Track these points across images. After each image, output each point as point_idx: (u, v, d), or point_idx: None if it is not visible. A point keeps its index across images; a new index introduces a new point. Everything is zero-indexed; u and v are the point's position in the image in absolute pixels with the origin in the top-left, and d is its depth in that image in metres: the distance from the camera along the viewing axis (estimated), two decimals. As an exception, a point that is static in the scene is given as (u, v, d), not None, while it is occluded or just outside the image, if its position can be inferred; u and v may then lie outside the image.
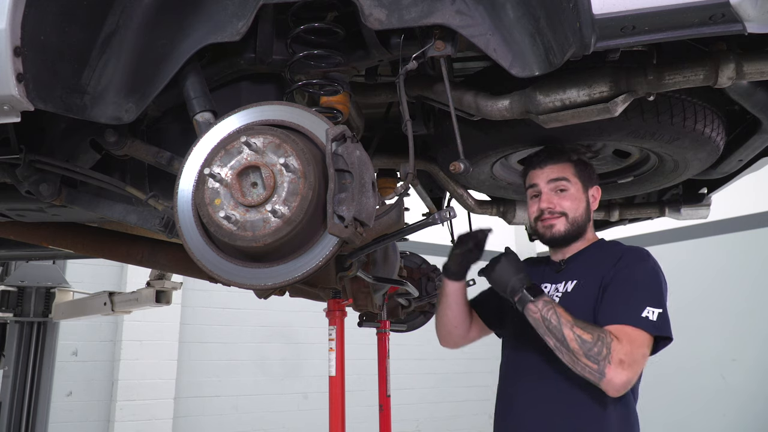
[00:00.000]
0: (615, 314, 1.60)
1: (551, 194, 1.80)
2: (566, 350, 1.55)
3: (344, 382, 2.36)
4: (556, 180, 1.79)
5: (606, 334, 1.55)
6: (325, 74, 1.52)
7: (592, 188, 1.85)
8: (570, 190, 1.80)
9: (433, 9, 1.28)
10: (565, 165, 1.81)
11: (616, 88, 1.40)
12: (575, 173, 1.81)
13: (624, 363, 1.52)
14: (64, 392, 5.18)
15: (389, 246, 2.51)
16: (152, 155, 1.49)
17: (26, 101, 1.14)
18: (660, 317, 1.60)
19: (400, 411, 6.25)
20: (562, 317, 1.58)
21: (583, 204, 1.81)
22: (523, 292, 1.64)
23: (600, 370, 1.52)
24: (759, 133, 1.80)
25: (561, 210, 1.79)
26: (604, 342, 1.53)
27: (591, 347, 1.53)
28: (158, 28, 1.35)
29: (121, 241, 2.16)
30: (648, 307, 1.59)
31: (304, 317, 5.92)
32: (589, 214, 1.84)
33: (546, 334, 1.59)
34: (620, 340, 1.54)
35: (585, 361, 1.53)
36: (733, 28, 1.07)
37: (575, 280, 1.77)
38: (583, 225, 1.82)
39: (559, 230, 1.79)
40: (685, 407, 6.52)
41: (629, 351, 1.53)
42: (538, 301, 1.62)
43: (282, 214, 1.16)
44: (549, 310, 1.60)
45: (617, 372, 1.51)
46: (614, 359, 1.51)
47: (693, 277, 6.74)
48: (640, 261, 1.72)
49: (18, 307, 3.56)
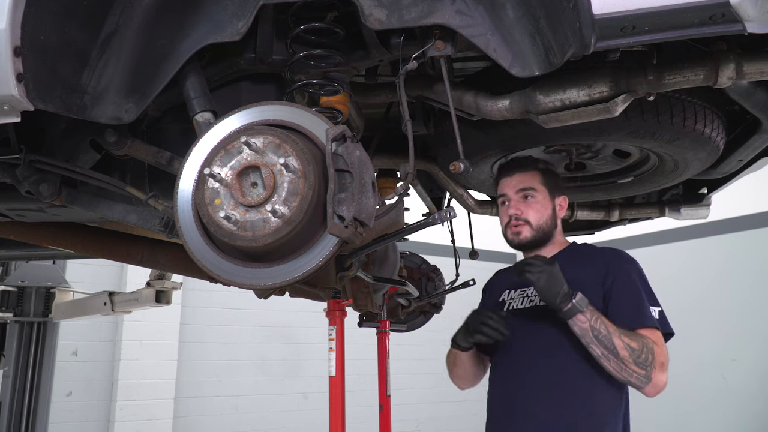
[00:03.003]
0: (632, 319, 1.70)
1: (519, 202, 1.90)
2: (615, 358, 1.63)
3: (344, 382, 2.36)
4: (523, 189, 1.89)
5: (647, 339, 1.66)
6: (325, 74, 1.52)
7: (559, 197, 1.95)
8: (537, 198, 1.89)
9: (433, 9, 1.28)
10: (532, 174, 1.90)
11: (616, 88, 1.40)
12: (542, 182, 1.90)
13: (664, 365, 1.65)
14: (64, 392, 5.18)
15: (389, 246, 2.51)
16: (152, 155, 1.49)
17: (26, 101, 1.14)
18: (661, 315, 1.74)
19: (400, 411, 6.25)
20: (609, 326, 1.65)
21: (548, 211, 1.91)
22: (573, 303, 1.66)
23: (647, 375, 1.63)
24: (759, 133, 1.80)
25: (526, 218, 1.89)
26: (648, 348, 1.64)
27: (639, 354, 1.63)
28: (158, 28, 1.34)
29: (121, 241, 2.16)
30: (651, 307, 1.73)
31: (304, 317, 5.92)
32: (555, 220, 1.93)
33: (593, 342, 1.65)
34: (657, 344, 1.66)
35: (633, 367, 1.63)
36: (733, 28, 1.07)
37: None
38: (548, 231, 1.91)
39: (526, 236, 1.89)
40: (685, 407, 6.52)
41: (665, 353, 1.67)
42: (587, 312, 1.66)
43: (282, 214, 1.16)
44: (597, 319, 1.66)
45: (661, 375, 1.65)
46: (658, 363, 1.64)
47: (693, 277, 6.74)
48: (629, 263, 1.84)
49: (18, 307, 3.56)
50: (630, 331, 1.67)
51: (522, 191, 1.89)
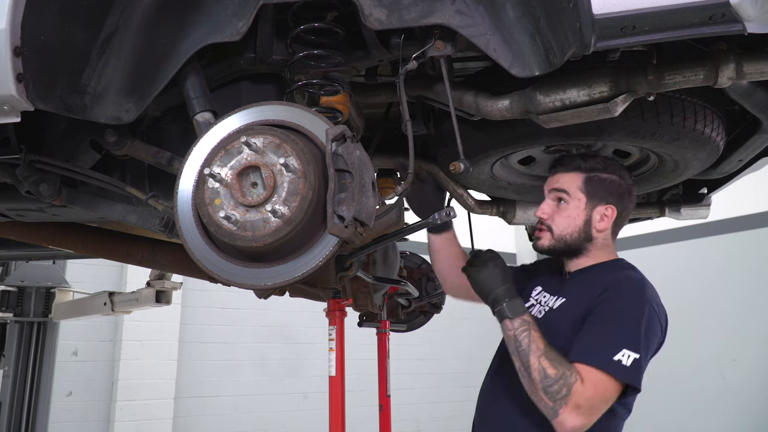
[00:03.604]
0: (588, 352, 1.49)
1: (550, 203, 1.72)
2: (527, 377, 1.49)
3: (344, 382, 2.37)
4: (557, 190, 1.71)
5: (572, 374, 1.45)
6: (325, 74, 1.52)
7: (604, 206, 1.68)
8: (569, 204, 1.69)
9: (433, 9, 1.28)
10: (573, 176, 1.70)
11: (616, 88, 1.40)
12: (581, 187, 1.68)
13: (581, 408, 1.43)
14: (64, 392, 5.18)
15: (389, 246, 2.51)
16: (152, 155, 1.49)
17: (26, 101, 1.14)
18: (634, 364, 1.46)
19: (400, 411, 6.25)
20: (533, 343, 1.50)
21: (578, 222, 1.68)
22: (503, 306, 1.58)
23: (554, 408, 1.44)
24: (759, 133, 1.80)
25: (549, 224, 1.70)
26: (566, 382, 1.44)
27: (552, 384, 1.45)
28: (158, 28, 1.35)
29: (121, 241, 2.16)
30: (625, 350, 1.46)
31: (304, 317, 5.92)
32: (589, 232, 1.69)
33: (514, 354, 1.54)
34: (584, 384, 1.44)
35: (541, 394, 1.46)
36: (733, 28, 1.07)
37: (564, 299, 1.69)
38: (573, 244, 1.69)
39: (543, 245, 1.72)
40: (685, 407, 6.52)
41: (590, 397, 1.44)
42: (515, 320, 1.55)
43: (282, 214, 1.16)
44: (523, 331, 1.53)
45: (571, 416, 1.43)
46: (571, 402, 1.43)
47: (693, 277, 6.74)
48: (629, 294, 1.57)
49: (18, 307, 3.56)
50: (561, 358, 1.48)
51: (555, 192, 1.71)
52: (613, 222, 1.70)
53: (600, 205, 1.69)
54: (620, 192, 1.71)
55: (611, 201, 1.69)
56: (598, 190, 1.68)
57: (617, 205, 1.70)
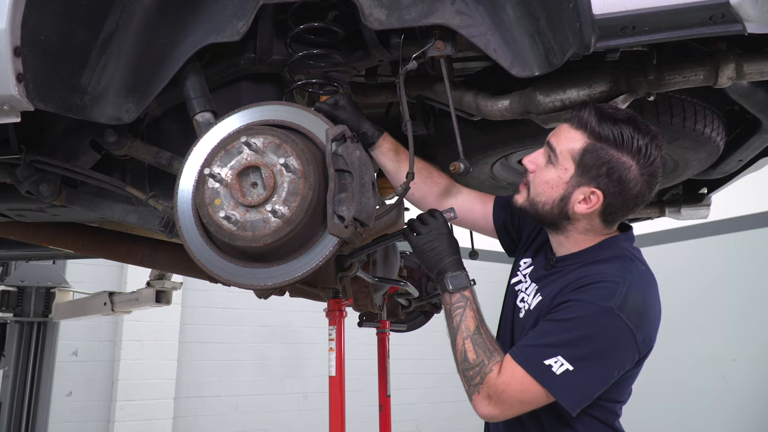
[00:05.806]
0: (521, 347, 1.35)
1: (541, 157, 1.41)
2: (454, 354, 1.43)
3: (344, 382, 2.36)
4: (550, 146, 1.38)
5: (491, 362, 1.35)
6: (324, 74, 1.52)
7: (589, 187, 1.33)
8: (553, 169, 1.37)
9: (433, 9, 1.28)
10: (576, 135, 1.34)
11: (616, 88, 1.40)
12: (576, 156, 1.33)
13: (491, 399, 1.34)
14: (64, 392, 5.18)
15: (389, 246, 2.51)
16: (152, 155, 1.49)
17: (26, 101, 1.14)
18: (565, 376, 1.27)
19: (400, 411, 6.26)
20: (464, 322, 1.40)
21: (554, 194, 1.37)
22: (445, 279, 1.44)
23: (469, 391, 1.38)
24: (759, 133, 1.80)
25: (529, 180, 1.43)
26: (482, 370, 1.35)
27: (468, 368, 1.37)
28: (158, 28, 1.35)
29: (121, 241, 2.16)
30: (560, 357, 1.27)
31: (304, 317, 5.92)
32: (565, 211, 1.37)
33: (447, 327, 1.46)
34: (500, 376, 1.33)
35: (461, 375, 1.40)
36: (733, 28, 1.07)
37: (540, 297, 1.45)
38: (546, 216, 1.41)
39: (516, 201, 1.46)
40: (685, 407, 6.52)
41: (502, 391, 1.32)
42: (454, 294, 1.43)
43: (282, 214, 1.16)
44: (458, 308, 1.42)
45: (482, 404, 1.35)
46: (483, 391, 1.35)
47: (693, 277, 6.74)
48: (592, 297, 1.30)
49: (18, 307, 3.57)
50: (487, 345, 1.38)
51: (548, 147, 1.38)
52: (601, 211, 1.37)
53: (586, 186, 1.33)
54: (623, 180, 1.31)
55: (602, 186, 1.32)
56: (594, 167, 1.32)
57: (607, 193, 1.33)
